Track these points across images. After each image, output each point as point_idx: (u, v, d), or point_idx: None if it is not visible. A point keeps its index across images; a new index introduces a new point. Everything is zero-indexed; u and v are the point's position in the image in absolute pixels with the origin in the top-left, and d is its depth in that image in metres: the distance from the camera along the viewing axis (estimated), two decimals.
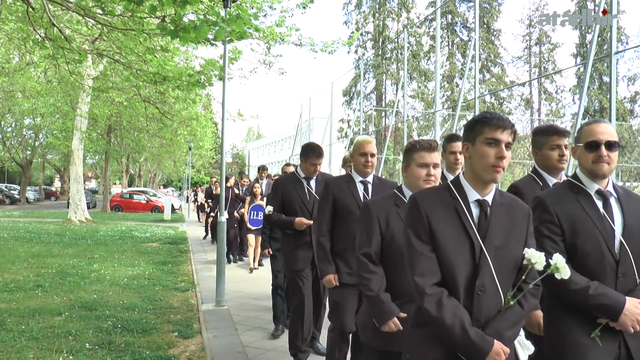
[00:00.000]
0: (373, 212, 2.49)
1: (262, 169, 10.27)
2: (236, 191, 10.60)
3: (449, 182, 1.96)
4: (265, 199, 9.14)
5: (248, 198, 9.37)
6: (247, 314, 6.21)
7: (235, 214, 10.54)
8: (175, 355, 4.54)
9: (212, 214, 11.39)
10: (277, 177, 10.88)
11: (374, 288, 2.43)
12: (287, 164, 9.51)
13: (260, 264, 9.81)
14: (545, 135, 2.78)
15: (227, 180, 10.30)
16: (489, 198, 1.88)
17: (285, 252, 4.39)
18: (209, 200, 14.53)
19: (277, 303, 5.50)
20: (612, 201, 2.17)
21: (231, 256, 10.69)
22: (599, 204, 2.16)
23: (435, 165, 2.46)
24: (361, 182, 3.52)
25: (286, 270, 4.54)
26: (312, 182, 4.38)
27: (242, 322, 5.84)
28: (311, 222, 4.11)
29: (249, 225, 9.19)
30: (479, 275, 1.79)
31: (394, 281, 2.45)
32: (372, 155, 3.46)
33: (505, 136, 1.82)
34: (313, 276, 4.23)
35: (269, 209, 4.39)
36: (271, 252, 5.64)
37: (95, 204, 35.48)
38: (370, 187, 3.52)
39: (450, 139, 3.91)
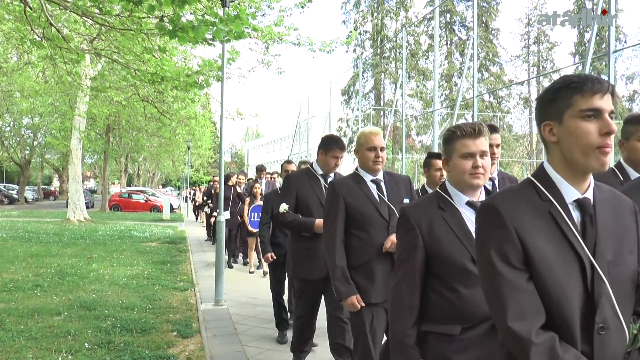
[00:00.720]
0: (413, 221, 2.00)
1: (260, 169, 9.98)
2: (239, 190, 10.27)
3: (531, 177, 1.45)
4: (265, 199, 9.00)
5: (247, 199, 9.05)
6: (246, 313, 6.22)
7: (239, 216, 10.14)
8: (175, 355, 4.55)
9: (215, 214, 9.95)
10: (275, 175, 10.55)
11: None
12: (288, 162, 9.39)
13: (262, 269, 9.05)
14: (635, 124, 2.40)
15: (228, 178, 10.06)
16: (589, 194, 1.38)
17: (296, 258, 3.85)
18: (209, 201, 13.61)
19: (279, 311, 5.24)
20: None
21: (232, 262, 10.37)
22: None
23: (483, 154, 2.01)
24: (372, 181, 3.07)
25: (295, 279, 3.95)
26: (330, 180, 3.79)
27: (241, 321, 5.84)
28: None
29: (250, 228, 8.74)
30: (598, 306, 1.29)
31: (449, 300, 1.93)
32: (382, 149, 3.07)
33: (606, 102, 1.32)
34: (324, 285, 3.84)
35: (284, 207, 3.79)
36: (274, 257, 5.19)
37: (93, 204, 35.46)
38: (383, 185, 3.09)
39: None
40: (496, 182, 3.22)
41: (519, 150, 35.71)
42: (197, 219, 23.11)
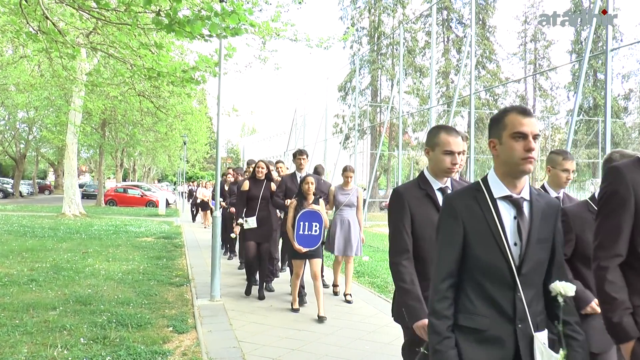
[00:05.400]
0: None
1: (299, 153, 7.08)
2: (273, 186, 7.03)
3: None
4: (321, 201, 6.15)
5: (294, 201, 6.08)
6: (242, 309, 6.22)
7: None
8: (170, 350, 4.56)
9: (240, 221, 6.93)
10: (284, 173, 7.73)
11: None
12: (278, 161, 8.66)
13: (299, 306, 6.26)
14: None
15: (257, 169, 6.98)
16: None
17: None
18: (220, 199, 9.45)
19: None
20: None
21: (266, 288, 7.25)
22: None
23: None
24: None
25: None
26: None
27: (236, 317, 5.85)
28: None
29: (296, 246, 5.88)
30: None
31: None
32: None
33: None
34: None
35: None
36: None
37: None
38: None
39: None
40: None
41: None
42: (194, 219, 20.95)
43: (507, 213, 1.86)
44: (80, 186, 38.41)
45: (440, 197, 2.52)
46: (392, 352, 4.71)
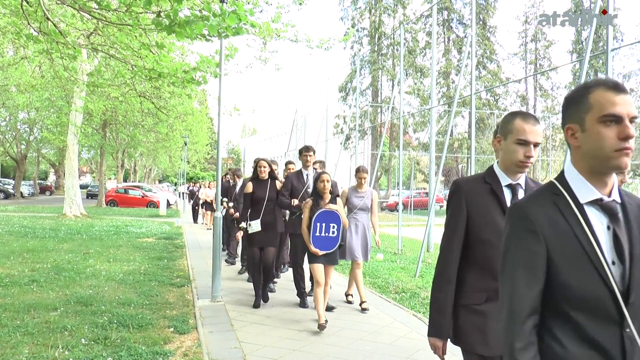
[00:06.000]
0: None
1: (305, 150, 6.64)
2: (278, 186, 6.63)
3: None
4: (338, 200, 5.80)
5: (309, 200, 5.76)
6: (243, 310, 6.23)
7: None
8: (171, 351, 4.56)
9: (243, 225, 6.60)
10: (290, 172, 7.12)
11: None
12: (289, 162, 8.12)
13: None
14: None
15: (259, 168, 6.54)
16: None
17: None
18: (224, 199, 9.72)
19: None
20: None
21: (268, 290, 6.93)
22: None
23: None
24: None
25: None
26: None
27: (237, 317, 5.85)
28: None
29: (313, 249, 5.57)
30: None
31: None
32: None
33: None
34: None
35: None
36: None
37: None
38: None
39: None
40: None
41: None
42: (195, 220, 21.04)
43: (598, 223, 1.40)
44: (85, 187, 38.43)
45: (508, 196, 2.12)
46: (393, 352, 4.71)
